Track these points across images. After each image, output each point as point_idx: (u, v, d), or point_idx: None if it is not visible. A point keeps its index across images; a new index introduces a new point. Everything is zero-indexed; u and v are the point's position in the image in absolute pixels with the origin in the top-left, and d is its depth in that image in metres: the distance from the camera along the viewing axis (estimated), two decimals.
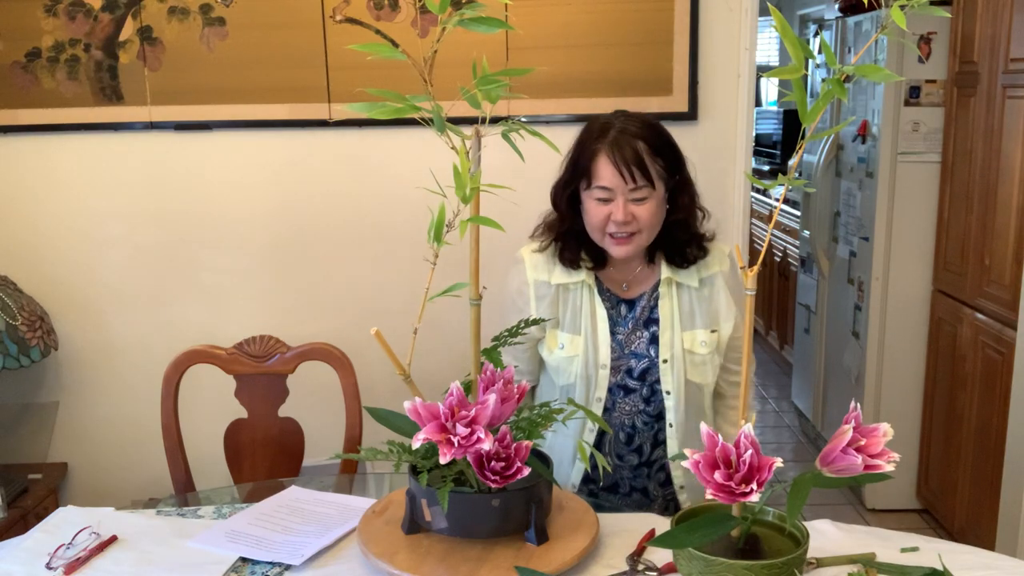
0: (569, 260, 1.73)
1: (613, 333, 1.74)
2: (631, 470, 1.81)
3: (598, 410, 1.74)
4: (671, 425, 1.75)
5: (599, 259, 1.73)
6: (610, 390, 1.75)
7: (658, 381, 1.74)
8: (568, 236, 1.72)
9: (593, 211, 1.66)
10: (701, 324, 1.74)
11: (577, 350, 1.73)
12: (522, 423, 1.39)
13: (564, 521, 1.44)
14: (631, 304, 1.76)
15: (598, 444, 1.77)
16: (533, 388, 1.88)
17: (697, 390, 1.76)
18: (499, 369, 1.36)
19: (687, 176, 1.70)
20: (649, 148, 1.62)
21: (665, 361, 1.73)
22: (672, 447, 1.75)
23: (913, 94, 3.10)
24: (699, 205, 1.73)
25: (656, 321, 1.74)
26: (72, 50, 2.50)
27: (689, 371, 1.73)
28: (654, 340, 1.74)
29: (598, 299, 1.74)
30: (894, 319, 3.24)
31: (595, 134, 1.65)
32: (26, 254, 2.64)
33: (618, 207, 1.62)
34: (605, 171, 1.61)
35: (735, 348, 1.78)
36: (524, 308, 1.76)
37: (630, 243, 1.66)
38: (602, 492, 1.83)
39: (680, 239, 1.72)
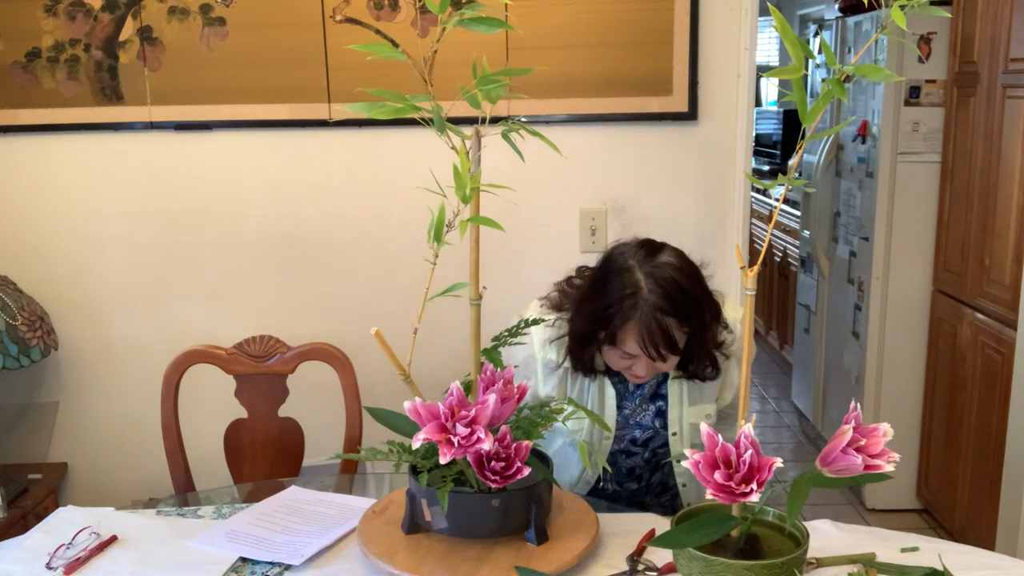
0: (584, 372, 1.69)
1: (619, 408, 1.74)
2: (630, 493, 1.85)
3: (596, 474, 1.77)
4: (684, 485, 1.79)
5: None
6: (612, 453, 1.77)
7: (661, 446, 1.76)
8: (582, 357, 1.66)
9: (614, 360, 1.61)
10: (708, 399, 1.74)
11: (582, 424, 1.72)
12: (522, 423, 1.39)
13: (564, 521, 1.44)
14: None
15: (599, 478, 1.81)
16: None
17: (699, 446, 1.78)
18: (499, 369, 1.36)
19: (710, 311, 1.60)
20: (678, 321, 1.53)
21: (674, 434, 1.74)
22: (688, 496, 1.81)
23: (913, 94, 3.10)
24: (722, 323, 1.65)
25: (663, 397, 1.74)
26: (72, 50, 2.50)
27: (692, 438, 1.73)
28: (660, 414, 1.74)
29: (607, 380, 1.72)
30: (894, 319, 3.24)
31: (623, 298, 1.52)
32: (26, 254, 2.64)
33: (640, 367, 1.58)
34: (631, 344, 1.54)
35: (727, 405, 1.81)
36: (530, 378, 1.74)
37: (647, 379, 1.65)
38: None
39: (697, 364, 1.66)
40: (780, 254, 4.80)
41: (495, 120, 1.24)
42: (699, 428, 1.69)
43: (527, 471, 1.27)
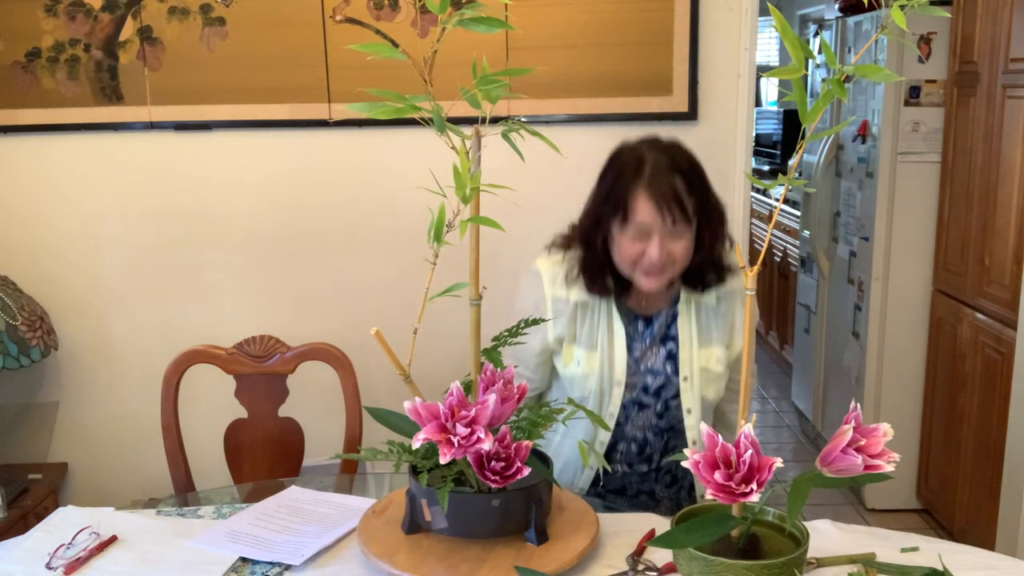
0: (599, 291, 1.69)
1: (630, 350, 1.72)
2: (640, 476, 1.81)
3: (611, 423, 1.73)
4: (694, 443, 1.74)
5: (623, 284, 1.70)
6: (623, 406, 1.74)
7: (673, 397, 1.74)
8: (592, 263, 1.68)
9: (627, 248, 1.61)
10: (717, 341, 1.73)
11: (593, 367, 1.71)
12: (522, 423, 1.39)
13: (564, 521, 1.44)
14: (649, 321, 1.74)
15: (609, 454, 1.78)
16: (540, 395, 1.88)
17: (709, 406, 1.76)
18: (499, 369, 1.36)
19: (715, 205, 1.66)
20: (685, 185, 1.58)
21: (685, 379, 1.72)
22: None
23: (913, 94, 3.10)
24: (727, 235, 1.69)
25: (673, 338, 1.73)
26: (72, 50, 2.50)
27: (704, 387, 1.72)
28: (671, 357, 1.73)
29: (616, 316, 1.72)
30: (894, 319, 3.24)
31: (630, 170, 1.59)
32: (26, 254, 2.64)
33: (654, 246, 1.58)
34: (644, 209, 1.57)
35: (736, 359, 1.78)
36: (543, 324, 1.73)
37: (661, 278, 1.63)
38: (609, 495, 1.83)
39: (702, 266, 1.68)
40: (780, 254, 4.80)
41: (495, 120, 1.24)
42: (709, 374, 1.70)
43: (527, 471, 1.27)
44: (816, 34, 5.29)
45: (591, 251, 1.67)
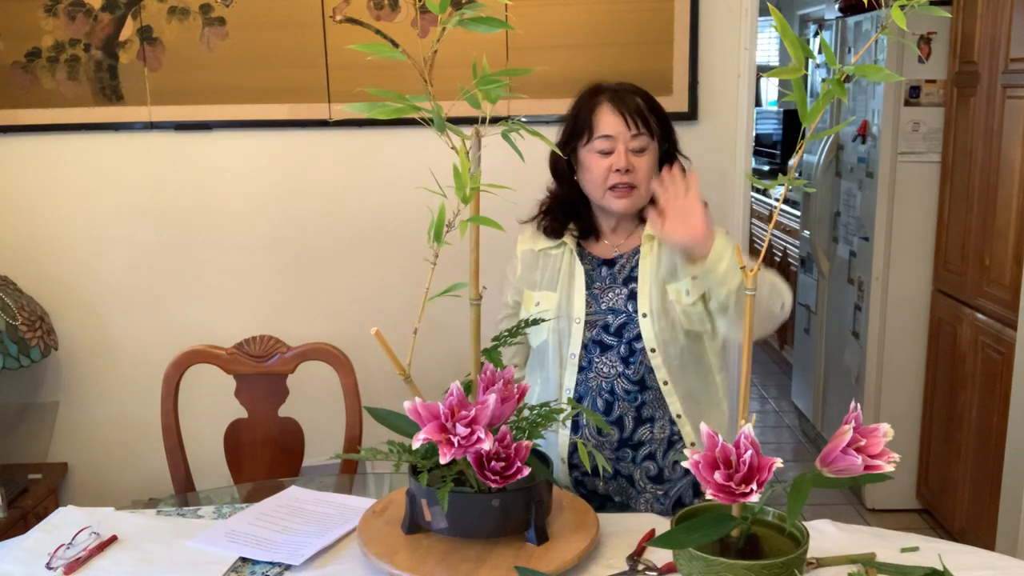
0: (553, 231, 1.78)
1: (589, 288, 1.76)
2: (612, 451, 1.75)
3: (573, 368, 1.73)
4: (665, 383, 1.72)
5: (587, 229, 1.79)
6: (585, 347, 1.73)
7: (637, 338, 1.71)
8: (558, 206, 1.79)
9: (595, 165, 1.70)
10: (683, 274, 1.72)
11: (550, 305, 1.76)
12: (522, 423, 1.39)
13: (564, 521, 1.44)
14: (611, 263, 1.78)
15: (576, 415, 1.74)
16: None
17: (696, 339, 1.73)
18: (499, 369, 1.36)
19: (675, 142, 1.78)
20: (645, 104, 1.72)
21: (645, 315, 1.70)
22: (672, 404, 1.72)
23: (913, 94, 3.10)
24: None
25: (636, 279, 1.75)
26: (72, 50, 2.50)
27: (665, 328, 1.70)
28: (633, 296, 1.73)
29: (577, 259, 1.78)
30: (894, 319, 3.24)
31: (592, 93, 1.75)
32: (26, 254, 2.64)
33: (619, 154, 1.68)
34: (607, 119, 1.70)
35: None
36: (511, 279, 1.84)
37: (629, 196, 1.70)
38: (585, 477, 1.77)
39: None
40: (780, 254, 4.80)
41: (495, 120, 1.24)
42: (676, 308, 1.71)
43: (527, 471, 1.27)
44: (816, 34, 5.28)
45: (558, 180, 1.79)
